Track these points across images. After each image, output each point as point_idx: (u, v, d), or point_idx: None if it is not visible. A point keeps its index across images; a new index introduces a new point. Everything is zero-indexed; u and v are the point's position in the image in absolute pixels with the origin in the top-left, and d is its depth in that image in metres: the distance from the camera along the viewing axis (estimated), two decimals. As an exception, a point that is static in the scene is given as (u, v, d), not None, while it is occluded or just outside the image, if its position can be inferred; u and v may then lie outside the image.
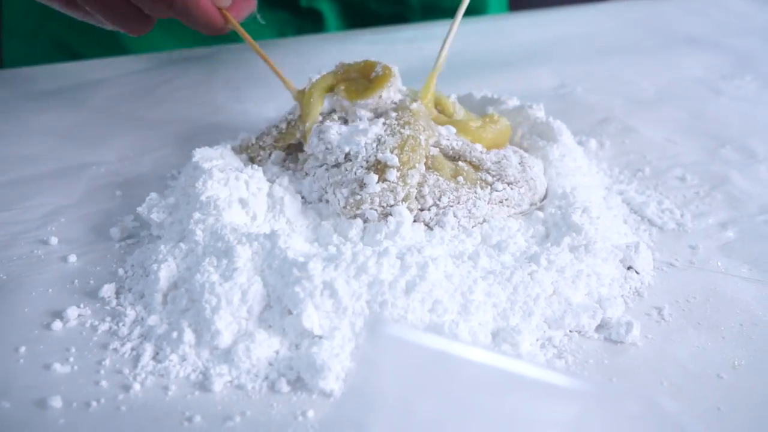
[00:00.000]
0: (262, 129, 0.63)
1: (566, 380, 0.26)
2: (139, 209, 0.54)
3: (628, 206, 0.61)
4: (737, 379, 0.44)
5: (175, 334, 0.45)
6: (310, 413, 0.41)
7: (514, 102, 0.67)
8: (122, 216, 0.57)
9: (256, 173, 0.55)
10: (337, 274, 0.46)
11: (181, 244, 0.50)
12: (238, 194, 0.53)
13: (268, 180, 0.57)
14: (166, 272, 0.48)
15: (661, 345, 0.47)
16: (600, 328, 0.48)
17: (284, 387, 0.43)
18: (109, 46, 0.86)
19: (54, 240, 0.55)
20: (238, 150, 0.61)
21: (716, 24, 1.02)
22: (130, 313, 0.48)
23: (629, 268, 0.53)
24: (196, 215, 0.51)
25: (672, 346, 0.47)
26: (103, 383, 0.43)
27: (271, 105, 0.74)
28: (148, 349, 0.45)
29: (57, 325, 0.47)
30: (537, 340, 0.47)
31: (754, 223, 0.59)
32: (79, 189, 0.61)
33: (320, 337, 0.45)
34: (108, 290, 0.50)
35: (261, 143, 0.61)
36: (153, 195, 0.55)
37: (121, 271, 0.52)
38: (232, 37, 0.95)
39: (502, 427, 0.25)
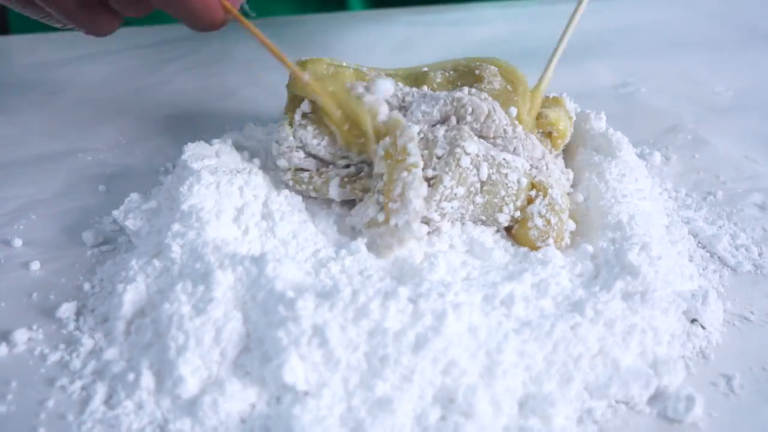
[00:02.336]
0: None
1: None
2: (115, 213, 0.47)
3: (696, 239, 0.52)
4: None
5: (131, 377, 0.37)
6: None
7: (572, 107, 0.57)
8: (101, 216, 0.50)
9: (254, 177, 0.47)
10: (331, 316, 0.37)
11: (155, 261, 0.42)
12: (230, 203, 0.45)
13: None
14: (132, 295, 0.41)
15: (729, 427, 0.38)
16: (653, 400, 0.39)
17: (256, 454, 0.35)
18: None
19: (18, 242, 0.48)
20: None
21: (806, 20, 0.90)
22: (87, 342, 0.40)
23: (693, 320, 0.44)
24: (176, 227, 0.43)
25: (743, 429, 0.38)
26: (41, 431, 0.36)
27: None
28: (100, 391, 0.37)
29: (2, 350, 0.40)
30: (574, 412, 0.38)
31: None
32: (58, 180, 0.53)
33: (306, 393, 0.36)
34: (67, 310, 0.42)
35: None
36: (133, 196, 0.48)
37: (87, 286, 0.44)
38: (250, 12, 0.87)
39: None
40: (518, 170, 0.47)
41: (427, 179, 0.45)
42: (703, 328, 0.44)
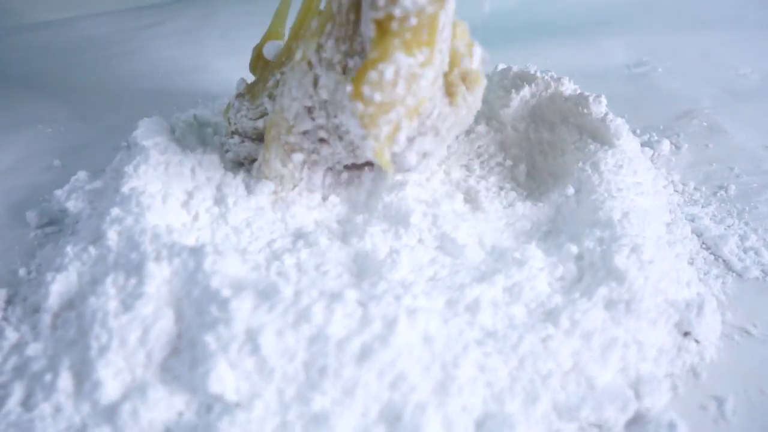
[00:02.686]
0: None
1: None
2: (58, 192, 0.43)
3: (700, 239, 0.47)
4: None
5: (49, 377, 0.34)
6: None
7: (571, 87, 0.52)
8: (50, 194, 0.46)
9: (209, 157, 0.43)
10: (269, 319, 0.33)
11: (91, 248, 0.39)
12: (180, 185, 0.41)
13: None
14: (60, 286, 0.37)
15: (716, 459, 0.34)
16: (631, 424, 0.35)
17: (176, 470, 0.31)
18: None
19: (-42, 220, 0.45)
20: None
21: None
22: (12, 336, 0.37)
23: (686, 334, 0.39)
24: (115, 211, 0.39)
25: (731, 462, 0.33)
26: (-53, 434, 0.33)
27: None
28: (18, 391, 0.34)
29: None
30: (538, 435, 0.34)
31: None
32: (13, 153, 0.50)
33: (237, 404, 0.33)
34: (-5, 298, 0.39)
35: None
36: (80, 174, 0.44)
37: (22, 272, 0.41)
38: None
39: None
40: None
41: None
42: (697, 342, 0.39)
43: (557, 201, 0.46)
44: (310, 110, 0.39)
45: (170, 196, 0.41)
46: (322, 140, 0.40)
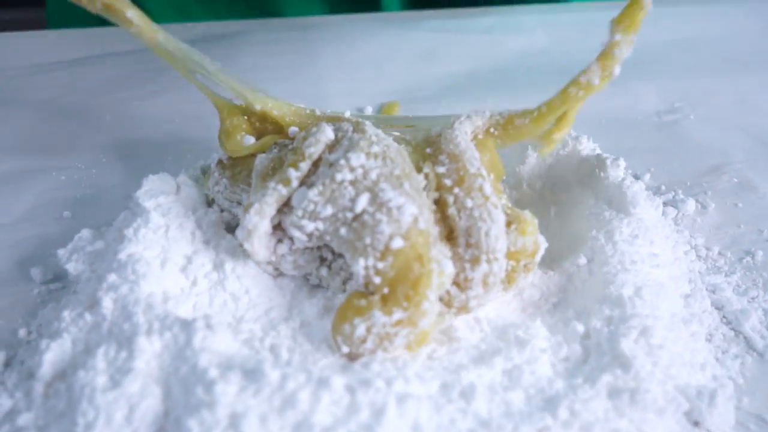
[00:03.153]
0: None
1: None
2: (60, 252, 0.43)
3: (720, 312, 0.44)
4: None
5: (35, 453, 0.34)
6: None
7: (589, 147, 0.50)
8: (56, 248, 0.46)
9: (209, 218, 0.43)
10: (254, 403, 0.33)
11: (87, 314, 0.39)
12: (179, 250, 0.41)
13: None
14: (54, 355, 0.37)
15: None
16: None
17: None
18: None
19: (-39, 276, 0.45)
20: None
21: None
22: (6, 403, 0.37)
23: (696, 423, 0.37)
24: (111, 278, 0.39)
25: None
26: None
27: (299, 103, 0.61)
28: (5, 464, 0.34)
29: None
30: None
31: None
32: (24, 204, 0.50)
33: (219, 491, 0.32)
34: (-6, 360, 0.39)
35: None
36: (84, 233, 0.44)
37: (22, 332, 0.41)
38: (274, 11, 0.82)
39: None
40: (397, 224, 0.36)
41: (300, 179, 0.40)
42: (708, 432, 0.37)
43: (569, 270, 0.44)
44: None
45: (169, 261, 0.40)
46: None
